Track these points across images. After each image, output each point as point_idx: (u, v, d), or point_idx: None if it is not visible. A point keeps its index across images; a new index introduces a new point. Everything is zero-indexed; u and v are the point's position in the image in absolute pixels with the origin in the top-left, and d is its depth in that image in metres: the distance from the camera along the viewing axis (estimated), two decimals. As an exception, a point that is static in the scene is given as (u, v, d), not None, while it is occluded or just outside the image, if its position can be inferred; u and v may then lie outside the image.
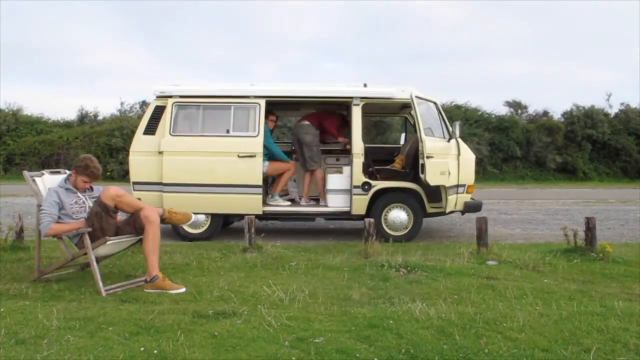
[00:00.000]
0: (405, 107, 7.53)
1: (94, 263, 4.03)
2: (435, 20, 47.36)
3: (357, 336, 3.04)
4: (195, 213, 5.25)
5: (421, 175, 6.36)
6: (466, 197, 6.85)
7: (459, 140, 6.77)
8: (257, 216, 6.44)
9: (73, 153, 19.32)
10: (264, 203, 6.79)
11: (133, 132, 7.13)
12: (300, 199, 7.43)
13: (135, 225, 4.26)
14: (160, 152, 6.56)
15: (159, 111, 6.71)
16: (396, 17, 46.67)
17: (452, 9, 46.43)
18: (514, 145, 20.08)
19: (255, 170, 6.52)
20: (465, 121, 18.53)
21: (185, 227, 6.75)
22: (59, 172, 4.76)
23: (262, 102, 6.62)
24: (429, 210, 6.83)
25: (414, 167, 6.91)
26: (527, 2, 46.79)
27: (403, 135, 8.71)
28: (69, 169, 4.90)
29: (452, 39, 45.27)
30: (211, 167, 6.55)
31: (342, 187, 6.87)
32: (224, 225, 7.23)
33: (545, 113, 22.45)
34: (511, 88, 42.96)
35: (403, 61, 45.06)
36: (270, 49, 46.47)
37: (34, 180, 4.46)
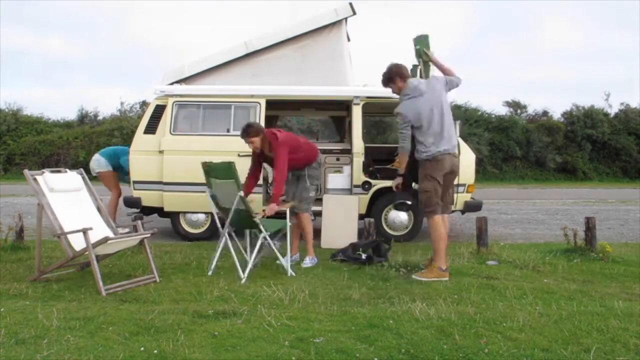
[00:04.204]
0: (405, 106, 7.52)
1: (95, 262, 4.03)
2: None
3: (357, 336, 3.04)
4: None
5: (421, 175, 6.35)
6: (466, 197, 6.84)
7: (459, 139, 6.76)
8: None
9: (73, 153, 19.33)
10: (264, 202, 6.78)
11: (133, 132, 7.13)
12: None
13: None
14: (161, 151, 6.55)
15: (159, 110, 6.70)
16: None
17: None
18: (514, 145, 20.09)
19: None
20: (465, 121, 18.53)
21: (185, 227, 6.76)
22: (59, 172, 4.76)
23: (262, 101, 6.62)
24: (429, 210, 6.81)
25: (414, 166, 6.90)
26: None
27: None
28: (69, 169, 4.91)
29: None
30: (211, 167, 6.54)
31: (343, 187, 6.86)
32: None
33: (545, 113, 22.48)
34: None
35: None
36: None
37: (34, 179, 4.47)
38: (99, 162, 7.21)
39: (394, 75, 4.74)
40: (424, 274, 4.50)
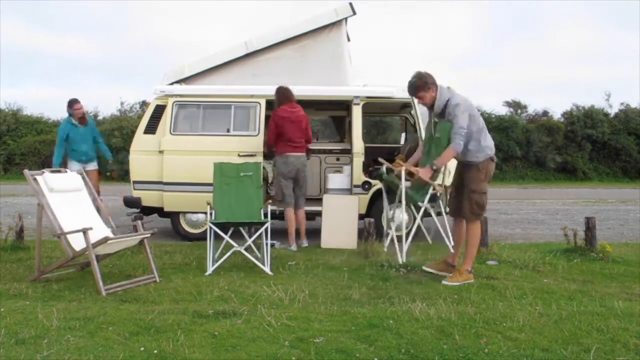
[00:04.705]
0: (405, 106, 7.53)
1: (95, 262, 4.03)
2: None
3: (357, 336, 3.04)
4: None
5: (421, 175, 6.34)
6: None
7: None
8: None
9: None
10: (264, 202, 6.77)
11: (133, 132, 7.13)
12: None
13: None
14: (161, 151, 6.55)
15: (159, 110, 6.70)
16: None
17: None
18: (514, 145, 20.08)
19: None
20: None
21: (185, 227, 6.76)
22: (59, 172, 4.76)
23: (262, 101, 6.62)
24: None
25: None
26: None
27: (403, 135, 8.71)
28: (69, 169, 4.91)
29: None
30: (211, 166, 6.55)
31: (343, 187, 6.86)
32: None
33: (545, 113, 22.48)
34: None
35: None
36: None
37: (34, 179, 4.47)
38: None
39: (428, 81, 4.40)
40: (453, 278, 4.39)
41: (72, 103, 7.09)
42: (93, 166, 7.19)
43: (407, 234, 4.67)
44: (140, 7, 52.65)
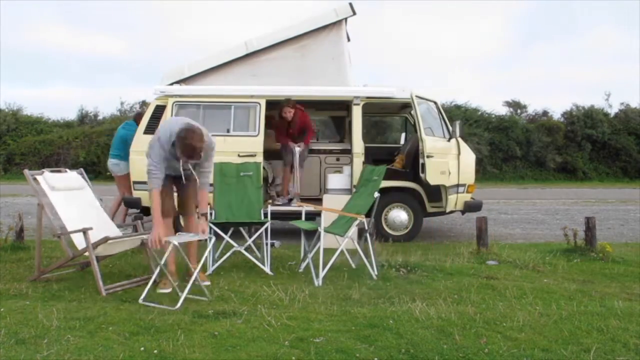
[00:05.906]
0: (405, 106, 7.54)
1: (95, 262, 4.03)
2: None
3: (357, 336, 3.04)
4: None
5: (421, 175, 6.36)
6: (466, 197, 6.85)
7: (459, 139, 6.77)
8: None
9: (73, 153, 19.33)
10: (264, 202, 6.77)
11: (133, 132, 7.12)
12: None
13: None
14: (161, 152, 6.54)
15: (159, 111, 6.70)
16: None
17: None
18: (514, 145, 20.08)
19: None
20: (465, 121, 18.52)
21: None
22: (59, 171, 4.76)
23: (262, 101, 6.62)
24: (429, 209, 6.83)
25: (414, 166, 6.90)
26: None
27: (403, 135, 8.71)
28: (69, 169, 4.91)
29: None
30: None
31: (343, 187, 6.86)
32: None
33: (545, 113, 22.48)
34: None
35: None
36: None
37: (34, 179, 4.47)
38: (119, 167, 7.11)
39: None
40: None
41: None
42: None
43: (325, 263, 4.48)
44: (168, 8, 52.48)
